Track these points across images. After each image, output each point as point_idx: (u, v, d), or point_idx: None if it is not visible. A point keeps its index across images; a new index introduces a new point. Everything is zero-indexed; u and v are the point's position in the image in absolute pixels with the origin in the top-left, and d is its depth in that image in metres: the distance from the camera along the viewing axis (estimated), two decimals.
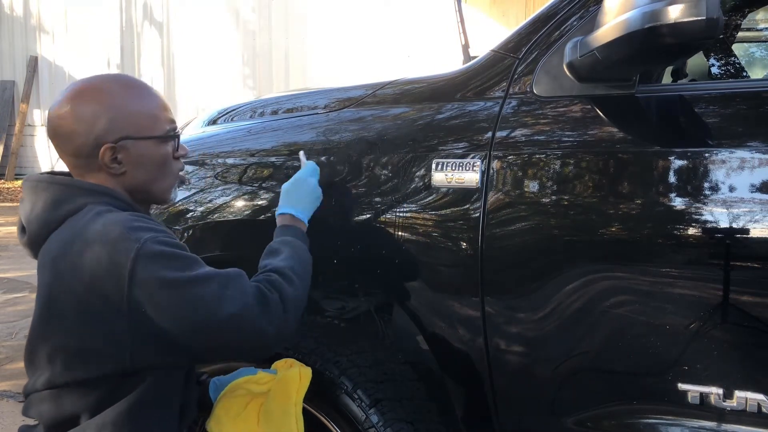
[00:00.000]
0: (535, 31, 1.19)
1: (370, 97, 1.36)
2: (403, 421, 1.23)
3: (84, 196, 1.01)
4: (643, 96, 1.12)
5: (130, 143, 1.03)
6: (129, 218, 0.96)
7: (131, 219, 0.96)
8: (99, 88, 1.03)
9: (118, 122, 1.02)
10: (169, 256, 0.93)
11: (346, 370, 1.25)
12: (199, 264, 0.96)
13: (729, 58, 2.17)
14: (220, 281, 0.95)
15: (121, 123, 1.02)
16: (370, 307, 1.44)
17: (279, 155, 1.37)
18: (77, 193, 1.01)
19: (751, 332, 1.01)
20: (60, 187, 1.02)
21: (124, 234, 0.92)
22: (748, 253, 1.00)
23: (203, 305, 0.92)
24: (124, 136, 1.02)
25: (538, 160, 1.11)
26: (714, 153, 1.01)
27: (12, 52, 8.20)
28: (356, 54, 6.27)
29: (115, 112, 1.01)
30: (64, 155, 1.04)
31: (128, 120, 1.02)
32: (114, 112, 1.01)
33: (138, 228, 0.94)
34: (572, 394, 1.13)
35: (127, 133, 1.02)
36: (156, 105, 1.07)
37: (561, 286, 1.08)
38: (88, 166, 1.03)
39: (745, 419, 1.01)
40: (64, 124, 1.01)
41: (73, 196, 1.01)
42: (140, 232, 0.93)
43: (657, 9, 0.90)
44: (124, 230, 0.92)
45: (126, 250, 0.90)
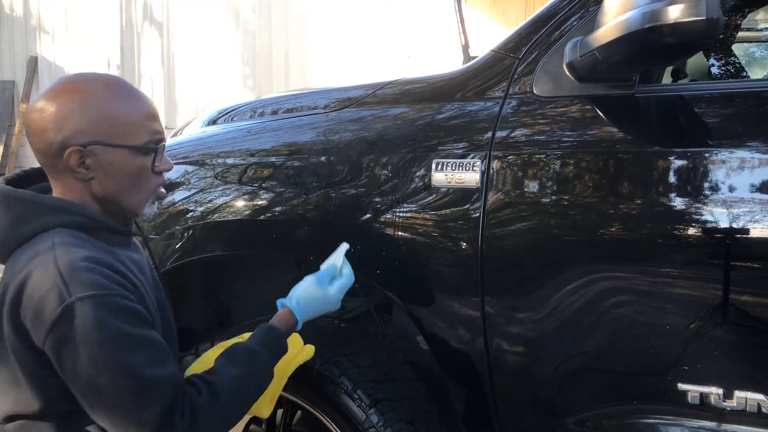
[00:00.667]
0: (535, 31, 1.19)
1: (370, 97, 1.36)
2: (403, 421, 1.23)
3: (48, 215, 0.95)
4: (643, 96, 1.12)
5: (100, 149, 0.95)
6: (76, 261, 0.88)
7: (78, 262, 0.88)
8: (80, 86, 0.97)
9: (91, 125, 0.94)
10: (88, 327, 0.85)
11: (346, 370, 1.25)
12: (123, 346, 0.87)
13: (729, 58, 2.17)
14: (133, 388, 0.86)
15: (94, 126, 0.94)
16: (370, 307, 1.44)
17: (279, 155, 1.37)
18: (40, 212, 0.95)
19: (751, 332, 1.01)
20: (22, 204, 0.96)
21: (57, 285, 0.86)
22: (748, 253, 1.00)
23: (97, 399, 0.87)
24: (94, 141, 0.94)
25: (538, 160, 1.11)
26: (714, 153, 1.01)
27: (12, 52, 8.19)
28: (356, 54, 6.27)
29: (89, 114, 0.94)
30: (34, 151, 0.98)
31: (101, 124, 0.95)
32: (88, 113, 0.94)
33: (77, 279, 0.86)
34: (572, 394, 1.13)
35: (98, 138, 0.95)
36: (139, 112, 0.98)
37: (561, 286, 1.08)
38: (55, 166, 0.96)
39: (745, 419, 1.00)
40: (36, 119, 0.95)
41: (35, 214, 0.95)
42: (75, 286, 0.86)
43: (657, 9, 0.90)
44: (60, 279, 0.86)
45: (53, 303, 0.85)
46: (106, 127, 0.95)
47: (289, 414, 1.38)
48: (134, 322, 0.89)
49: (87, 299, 0.85)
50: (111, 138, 0.96)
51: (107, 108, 0.96)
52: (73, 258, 0.88)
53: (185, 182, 1.45)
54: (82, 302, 0.85)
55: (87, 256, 0.90)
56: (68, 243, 0.92)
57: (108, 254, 0.95)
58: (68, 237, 0.93)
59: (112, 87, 0.98)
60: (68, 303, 0.85)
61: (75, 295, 0.85)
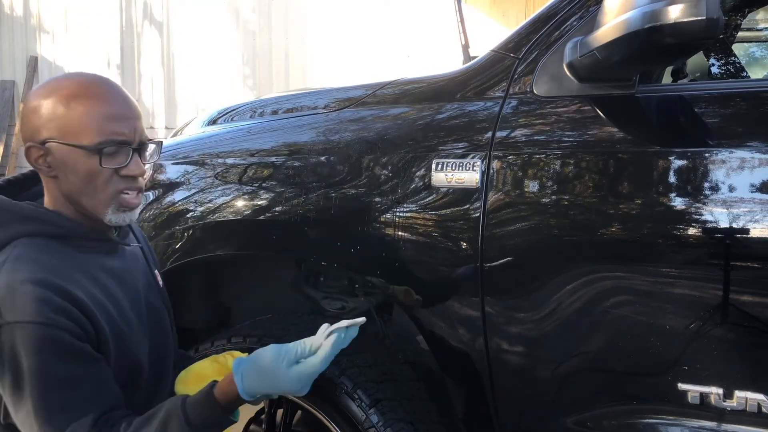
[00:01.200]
0: (535, 31, 1.19)
1: (371, 97, 1.36)
2: (403, 421, 1.23)
3: (16, 224, 0.94)
4: (643, 96, 1.12)
5: (56, 147, 0.94)
6: (19, 283, 0.86)
7: (21, 284, 0.86)
8: (57, 85, 0.96)
9: (49, 122, 0.94)
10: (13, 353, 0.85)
11: (346, 370, 1.25)
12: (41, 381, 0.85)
13: (729, 58, 2.17)
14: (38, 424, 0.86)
15: (51, 123, 0.94)
16: (370, 307, 1.44)
17: (279, 155, 1.37)
18: (9, 220, 0.95)
19: (751, 332, 1.01)
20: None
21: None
22: (748, 253, 1.00)
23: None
24: (48, 138, 0.94)
25: (538, 160, 1.11)
26: (714, 153, 1.01)
27: (12, 52, 8.19)
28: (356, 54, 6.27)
29: (50, 112, 0.94)
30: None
31: (57, 122, 0.94)
32: (50, 111, 0.94)
33: (13, 304, 0.85)
34: (572, 394, 1.13)
35: (51, 135, 0.94)
36: (99, 112, 0.95)
37: (561, 286, 1.08)
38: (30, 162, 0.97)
39: (745, 419, 1.00)
40: (21, 113, 0.98)
41: (6, 222, 0.95)
42: (8, 310, 0.85)
43: (657, 9, 0.90)
44: (3, 297, 0.86)
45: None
46: (59, 124, 0.94)
47: (289, 414, 1.38)
48: (63, 356, 0.86)
49: (17, 325, 0.84)
50: (62, 136, 0.94)
51: (66, 106, 0.94)
52: (17, 279, 0.86)
53: (185, 182, 1.45)
54: (10, 327, 0.84)
55: (34, 279, 0.86)
56: (24, 259, 0.89)
57: (74, 269, 0.92)
58: (30, 250, 0.91)
59: (83, 86, 0.96)
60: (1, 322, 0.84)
61: (4, 319, 0.84)
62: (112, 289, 0.98)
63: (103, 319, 0.92)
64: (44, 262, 0.90)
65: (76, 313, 0.88)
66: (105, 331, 0.92)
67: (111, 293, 0.97)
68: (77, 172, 0.95)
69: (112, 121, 0.96)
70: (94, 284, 0.95)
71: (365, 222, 1.25)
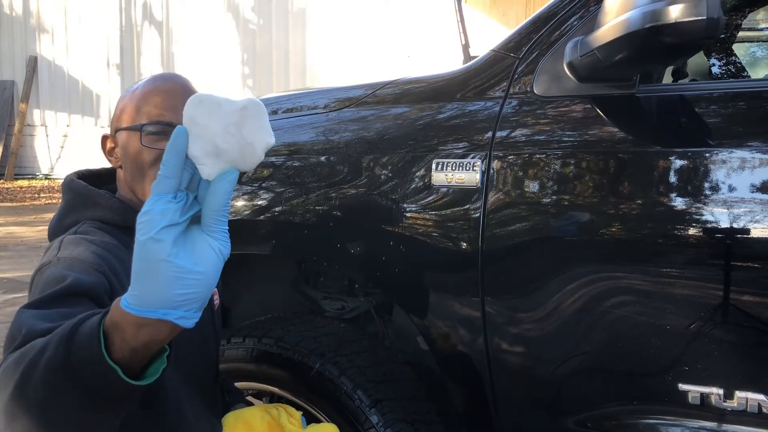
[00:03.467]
0: (536, 30, 1.19)
1: (370, 97, 1.36)
2: (403, 421, 1.23)
3: (86, 208, 1.00)
4: (644, 96, 1.11)
5: (119, 135, 1.02)
6: (78, 237, 0.92)
7: (79, 237, 0.92)
8: (136, 83, 1.06)
9: (117, 114, 1.03)
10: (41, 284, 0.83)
11: (346, 370, 1.25)
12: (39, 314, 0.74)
13: (729, 58, 2.17)
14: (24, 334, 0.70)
15: (118, 114, 1.03)
16: (370, 307, 1.44)
17: (279, 155, 1.37)
18: (82, 204, 1.01)
19: (751, 332, 1.01)
20: (72, 194, 1.03)
21: (53, 251, 0.90)
22: (748, 253, 1.00)
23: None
24: (115, 127, 1.03)
25: (538, 160, 1.11)
26: (714, 153, 1.01)
27: (12, 52, 8.19)
28: (356, 54, 6.27)
29: (119, 105, 1.04)
30: None
31: (122, 112, 1.02)
32: (119, 104, 1.04)
33: (69, 247, 0.90)
34: (572, 394, 1.13)
35: (118, 124, 1.03)
36: (146, 98, 1.00)
37: (561, 286, 1.08)
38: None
39: (745, 420, 1.00)
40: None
41: (77, 207, 1.01)
42: (65, 250, 0.89)
43: (657, 9, 0.90)
44: (57, 247, 0.91)
45: (45, 260, 0.89)
46: (122, 113, 1.02)
47: None
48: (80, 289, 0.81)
49: (64, 259, 0.87)
50: (122, 123, 1.02)
51: (130, 97, 1.02)
52: (76, 237, 0.92)
53: None
54: (59, 260, 0.87)
55: (92, 239, 0.92)
56: (84, 231, 0.95)
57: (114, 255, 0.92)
58: (91, 228, 0.96)
59: (149, 80, 1.04)
60: (52, 258, 0.88)
61: (59, 257, 0.88)
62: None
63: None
64: (98, 245, 0.92)
65: (112, 280, 0.87)
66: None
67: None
68: (129, 154, 1.00)
69: (154, 106, 1.00)
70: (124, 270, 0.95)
71: (365, 222, 1.25)
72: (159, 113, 0.99)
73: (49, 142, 8.60)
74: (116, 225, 0.99)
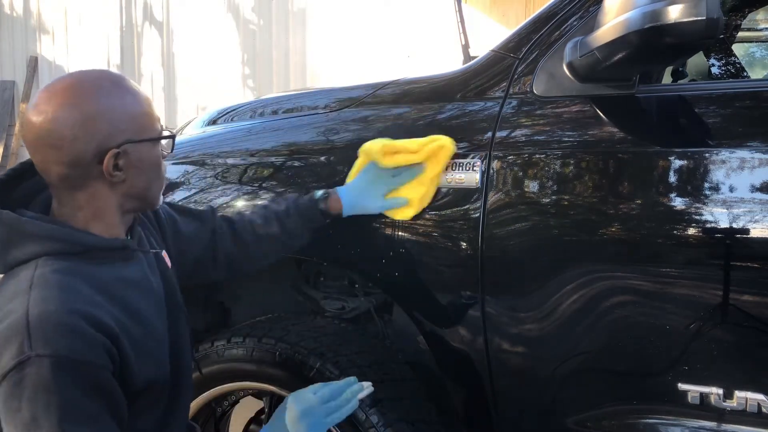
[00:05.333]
0: (536, 31, 1.19)
1: (371, 97, 1.36)
2: (403, 421, 1.23)
3: (32, 243, 0.88)
4: (643, 96, 1.12)
5: (131, 147, 0.92)
6: (48, 313, 0.81)
7: (50, 315, 0.80)
8: (87, 86, 0.90)
9: (119, 124, 0.90)
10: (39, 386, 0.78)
11: (346, 370, 1.25)
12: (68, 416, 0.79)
13: (729, 58, 2.17)
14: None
15: (122, 125, 0.91)
16: (370, 307, 1.44)
17: (279, 155, 1.37)
18: (25, 239, 0.88)
19: (751, 332, 1.01)
20: (7, 230, 0.88)
21: (21, 335, 0.79)
22: (748, 253, 1.00)
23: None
24: (125, 140, 0.91)
25: (538, 160, 1.11)
26: (714, 153, 1.01)
27: (12, 52, 8.19)
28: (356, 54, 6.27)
29: (114, 114, 0.90)
30: (53, 166, 0.89)
31: (128, 122, 0.92)
32: (113, 113, 0.90)
33: (43, 335, 0.79)
34: (572, 394, 1.13)
35: (128, 136, 0.91)
36: (147, 102, 0.96)
37: (561, 286, 1.08)
38: (84, 176, 0.90)
39: (745, 419, 1.00)
40: (56, 130, 0.87)
41: (17, 243, 0.88)
42: (38, 342, 0.79)
43: (657, 9, 0.90)
44: (26, 331, 0.80)
45: (11, 353, 0.79)
46: (130, 123, 0.92)
47: None
48: (91, 392, 0.82)
49: (46, 358, 0.79)
50: (139, 133, 0.93)
51: (126, 104, 0.92)
52: (46, 309, 0.81)
53: (185, 182, 1.45)
54: (40, 360, 0.79)
55: (65, 309, 0.82)
56: (50, 284, 0.84)
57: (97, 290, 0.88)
58: (54, 273, 0.86)
59: (117, 82, 0.94)
60: (25, 357, 0.79)
61: (35, 351, 0.79)
62: (132, 302, 0.93)
63: (126, 342, 0.88)
64: (71, 287, 0.85)
65: (107, 344, 0.84)
66: (130, 356, 0.88)
67: (132, 308, 0.93)
68: (151, 164, 0.96)
69: (153, 107, 0.98)
70: (115, 303, 0.90)
71: (365, 222, 1.25)
72: (158, 115, 0.98)
73: None
74: (71, 254, 0.89)
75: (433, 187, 1.18)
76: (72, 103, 0.88)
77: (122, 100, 0.92)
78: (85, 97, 0.89)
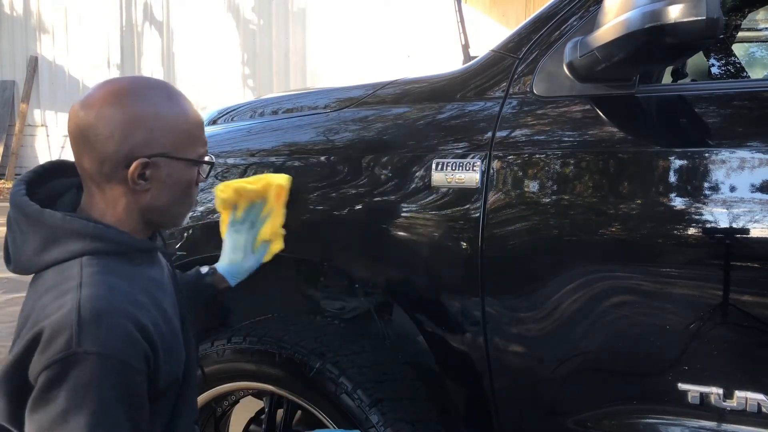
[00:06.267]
0: (536, 31, 1.19)
1: (371, 97, 1.36)
2: (403, 421, 1.23)
3: (74, 241, 0.88)
4: (643, 96, 1.12)
5: (164, 161, 0.91)
6: (99, 310, 0.82)
7: (101, 313, 0.81)
8: (142, 93, 0.91)
9: (159, 136, 0.90)
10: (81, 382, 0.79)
11: (346, 370, 1.25)
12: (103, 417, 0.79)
13: (729, 58, 2.17)
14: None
15: (161, 138, 0.91)
16: (370, 307, 1.44)
17: (279, 155, 1.37)
18: (68, 238, 0.88)
19: (751, 332, 1.01)
20: (49, 229, 0.89)
21: (71, 328, 0.80)
22: (748, 253, 1.00)
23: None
24: (160, 153, 0.91)
25: (538, 160, 1.11)
26: (714, 153, 1.01)
27: (12, 52, 8.20)
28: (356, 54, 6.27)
29: (157, 124, 0.90)
30: (85, 159, 0.90)
31: (168, 136, 0.91)
32: (156, 123, 0.90)
33: (92, 332, 0.80)
34: (572, 394, 1.13)
35: (164, 149, 0.91)
36: (197, 124, 0.96)
37: (561, 286, 1.08)
38: (110, 176, 0.90)
39: (745, 419, 1.00)
40: (96, 126, 0.88)
41: (60, 241, 0.88)
42: (87, 338, 0.79)
43: (657, 9, 0.90)
44: (76, 325, 0.80)
45: (60, 345, 0.79)
46: (171, 138, 0.92)
47: (289, 414, 1.38)
48: (127, 397, 0.83)
49: (93, 355, 0.79)
50: (176, 150, 0.92)
51: (172, 119, 0.92)
52: (98, 306, 0.82)
53: None
54: (87, 356, 0.79)
55: (113, 309, 0.83)
56: (98, 282, 0.85)
57: (138, 290, 0.89)
58: (99, 271, 0.87)
59: (170, 95, 0.94)
60: (72, 352, 0.79)
61: (83, 347, 0.79)
62: (161, 302, 0.94)
63: (161, 347, 0.88)
64: (119, 288, 0.86)
65: (146, 349, 0.85)
66: (161, 357, 0.88)
67: (162, 308, 0.93)
68: (181, 184, 0.95)
69: (203, 130, 0.98)
70: (153, 304, 0.91)
71: (365, 222, 1.25)
72: (205, 139, 0.99)
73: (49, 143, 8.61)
74: (112, 253, 0.90)
75: (282, 213, 1.28)
76: (119, 103, 0.89)
77: (169, 112, 0.92)
78: (134, 100, 0.90)
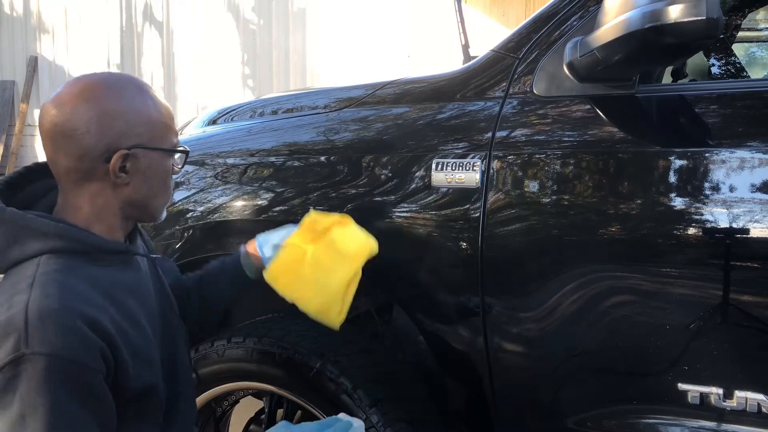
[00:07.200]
0: (536, 30, 1.19)
1: (371, 97, 1.36)
2: (403, 421, 1.23)
3: (35, 240, 0.87)
4: (643, 96, 1.12)
5: (141, 152, 0.92)
6: (48, 311, 0.79)
7: (50, 313, 0.79)
8: (113, 87, 0.91)
9: (135, 127, 0.91)
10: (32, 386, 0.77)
11: (346, 370, 1.25)
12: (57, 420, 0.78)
13: (729, 58, 2.17)
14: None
15: (138, 128, 0.91)
16: (370, 307, 1.44)
17: (279, 155, 1.37)
18: (28, 237, 0.87)
19: (751, 332, 1.01)
20: (11, 228, 0.87)
21: (18, 330, 0.78)
22: (748, 253, 1.00)
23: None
24: (137, 144, 0.91)
25: (538, 160, 1.11)
26: (714, 153, 1.01)
27: (12, 51, 8.19)
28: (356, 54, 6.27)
29: (132, 116, 0.91)
30: (62, 157, 0.89)
31: (142, 126, 0.92)
32: (131, 115, 0.91)
33: (40, 333, 0.78)
34: (572, 394, 1.13)
35: (141, 140, 0.91)
36: (168, 114, 0.96)
37: (561, 286, 1.08)
38: (90, 172, 0.90)
39: (745, 419, 1.00)
40: (72, 121, 0.87)
41: (20, 239, 0.87)
42: (35, 339, 0.78)
43: (657, 9, 0.90)
44: (23, 327, 0.78)
45: (7, 349, 0.78)
46: (146, 129, 0.92)
47: (289, 414, 1.38)
48: (83, 397, 0.81)
49: (42, 356, 0.78)
50: (152, 140, 0.93)
51: (145, 109, 0.93)
52: (47, 306, 0.80)
53: (185, 182, 1.45)
54: (36, 357, 0.78)
55: (66, 308, 0.81)
56: (53, 282, 0.83)
57: (97, 292, 0.87)
58: (56, 271, 0.85)
59: (141, 88, 0.95)
60: (21, 353, 0.77)
61: (31, 348, 0.78)
62: (130, 307, 0.93)
63: (124, 347, 0.87)
64: (73, 287, 0.85)
65: (105, 350, 0.83)
66: (126, 361, 0.87)
67: (129, 312, 0.92)
68: (158, 174, 0.95)
69: (173, 120, 0.98)
70: (115, 306, 0.90)
71: (365, 222, 1.25)
72: (176, 130, 0.99)
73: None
74: (74, 253, 0.88)
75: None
76: (92, 98, 0.89)
77: (143, 104, 0.93)
78: (107, 95, 0.90)
